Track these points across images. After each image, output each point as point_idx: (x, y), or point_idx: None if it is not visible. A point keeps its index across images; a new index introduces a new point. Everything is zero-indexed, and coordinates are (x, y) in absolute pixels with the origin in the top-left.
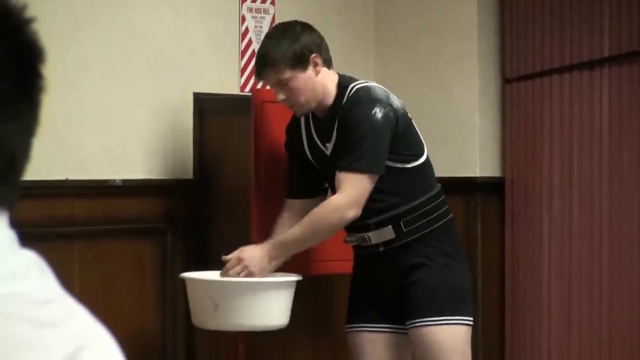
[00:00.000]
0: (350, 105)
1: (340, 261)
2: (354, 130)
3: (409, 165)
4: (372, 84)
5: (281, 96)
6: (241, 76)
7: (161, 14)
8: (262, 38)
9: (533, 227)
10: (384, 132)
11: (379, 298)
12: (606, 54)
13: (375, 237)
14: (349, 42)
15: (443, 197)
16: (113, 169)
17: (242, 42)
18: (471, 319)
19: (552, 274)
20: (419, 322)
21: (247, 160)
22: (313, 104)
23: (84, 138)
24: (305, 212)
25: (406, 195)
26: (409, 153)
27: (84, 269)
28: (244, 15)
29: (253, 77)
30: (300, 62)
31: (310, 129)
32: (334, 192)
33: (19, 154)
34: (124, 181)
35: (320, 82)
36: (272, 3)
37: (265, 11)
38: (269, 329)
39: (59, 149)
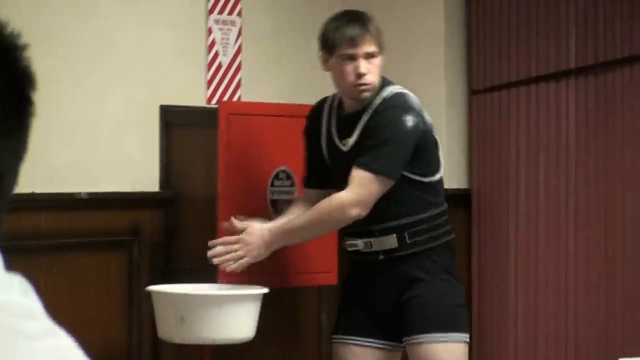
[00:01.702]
0: (383, 107)
1: (307, 274)
2: (381, 131)
3: (424, 180)
4: (409, 92)
5: (363, 69)
6: (208, 88)
7: (127, 25)
8: (229, 50)
9: (500, 239)
10: (409, 140)
11: (371, 310)
12: (572, 65)
13: (377, 244)
14: (315, 54)
15: (447, 217)
16: (79, 181)
17: (208, 54)
18: (467, 335)
19: (518, 285)
20: (417, 338)
21: (213, 172)
22: (374, 92)
23: (50, 151)
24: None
25: (415, 208)
26: (427, 168)
27: (49, 282)
28: (210, 27)
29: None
30: (382, 46)
31: (331, 125)
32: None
33: (6, 176)
34: (90, 194)
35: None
36: (239, 15)
37: (232, 23)
38: (235, 342)
39: (25, 162)
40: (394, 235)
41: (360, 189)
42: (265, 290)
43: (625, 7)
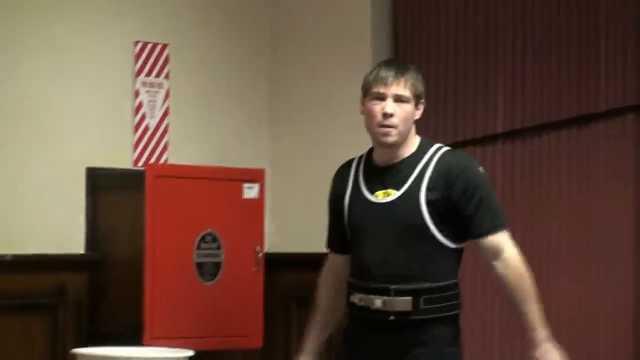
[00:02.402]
0: (454, 163)
1: (233, 337)
2: (475, 188)
3: (452, 246)
4: None
5: (389, 109)
6: (134, 150)
7: (54, 87)
8: (156, 112)
9: None
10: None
11: None
12: (500, 130)
13: (390, 304)
14: (243, 117)
15: (459, 290)
16: (4, 243)
17: (135, 116)
18: None
19: None
20: None
21: (140, 234)
22: (400, 140)
23: None
24: (345, 267)
25: (438, 273)
26: (460, 235)
27: None
28: (137, 89)
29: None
30: (419, 97)
31: (358, 179)
32: (355, 247)
33: None
34: (15, 256)
35: (413, 127)
36: (167, 77)
37: (160, 85)
38: None
39: None
40: (410, 298)
41: (514, 246)
42: (190, 353)
43: (552, 74)
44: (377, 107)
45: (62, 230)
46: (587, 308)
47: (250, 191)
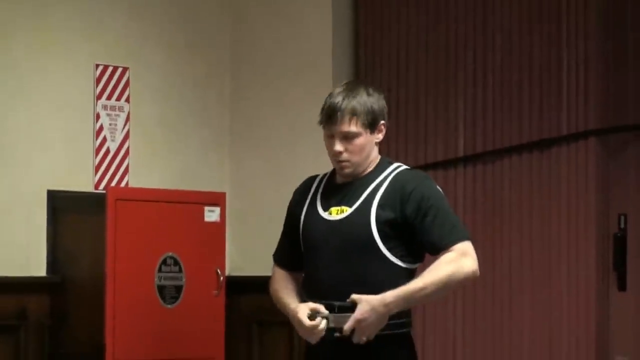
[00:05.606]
0: (410, 180)
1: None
2: (431, 205)
3: (404, 265)
4: None
5: (339, 148)
6: (95, 173)
7: (15, 109)
8: (117, 135)
9: None
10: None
11: None
12: (461, 153)
13: (334, 321)
14: (204, 141)
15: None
16: None
17: (96, 139)
18: None
19: None
20: None
21: (101, 257)
22: (359, 168)
23: None
24: (293, 283)
25: (383, 291)
26: (413, 255)
27: None
28: (98, 112)
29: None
30: (373, 123)
31: (317, 195)
32: (307, 263)
33: None
34: None
35: (374, 149)
36: (127, 101)
37: (120, 109)
38: None
39: None
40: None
41: (474, 255)
42: None
43: (514, 98)
44: (329, 144)
45: (23, 253)
46: (549, 330)
47: (212, 214)
